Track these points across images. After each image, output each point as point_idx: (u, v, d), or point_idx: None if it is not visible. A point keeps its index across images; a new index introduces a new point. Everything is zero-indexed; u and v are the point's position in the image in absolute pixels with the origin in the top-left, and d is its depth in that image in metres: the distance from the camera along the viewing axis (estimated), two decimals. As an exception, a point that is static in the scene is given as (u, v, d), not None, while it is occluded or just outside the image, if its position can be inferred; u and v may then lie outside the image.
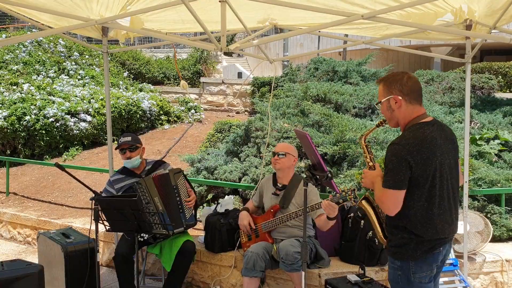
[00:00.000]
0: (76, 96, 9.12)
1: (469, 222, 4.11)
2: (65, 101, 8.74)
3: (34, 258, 4.60)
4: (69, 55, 11.48)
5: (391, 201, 2.31)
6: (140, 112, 9.42)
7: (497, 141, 5.65)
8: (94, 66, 11.47)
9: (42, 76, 10.16)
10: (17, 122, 8.26)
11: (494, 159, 5.47)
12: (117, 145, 3.96)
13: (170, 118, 10.06)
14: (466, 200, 4.03)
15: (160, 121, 9.85)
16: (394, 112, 2.43)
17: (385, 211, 2.37)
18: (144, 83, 11.74)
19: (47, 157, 8.38)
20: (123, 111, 9.04)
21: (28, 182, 7.52)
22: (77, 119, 8.59)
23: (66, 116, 8.43)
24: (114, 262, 3.86)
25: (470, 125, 5.43)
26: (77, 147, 8.60)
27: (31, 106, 8.45)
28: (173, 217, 3.82)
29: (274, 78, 8.48)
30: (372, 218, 2.64)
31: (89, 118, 8.68)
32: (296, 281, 3.63)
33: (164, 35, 3.92)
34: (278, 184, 3.91)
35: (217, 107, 11.40)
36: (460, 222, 4.06)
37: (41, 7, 3.55)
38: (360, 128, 5.71)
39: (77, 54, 11.53)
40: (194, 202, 3.96)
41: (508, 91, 10.61)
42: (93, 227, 3.47)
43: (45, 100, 8.71)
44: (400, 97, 2.39)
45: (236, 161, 6.12)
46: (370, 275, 3.63)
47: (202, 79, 12.02)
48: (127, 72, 12.40)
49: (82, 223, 5.50)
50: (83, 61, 11.48)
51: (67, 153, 8.43)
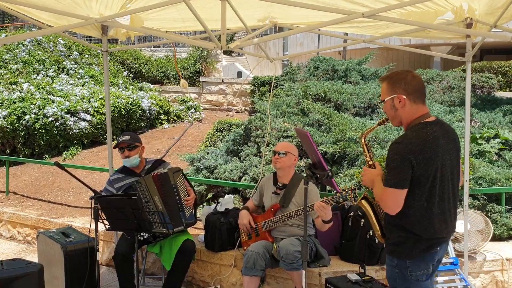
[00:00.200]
0: (76, 96, 9.11)
1: (470, 221, 4.11)
2: (65, 100, 8.73)
3: (34, 257, 4.60)
4: (69, 55, 11.47)
5: (393, 200, 2.30)
6: (140, 112, 9.41)
7: (497, 140, 5.65)
8: (94, 66, 11.46)
9: (42, 75, 10.14)
10: (17, 121, 8.25)
11: (495, 158, 5.47)
12: (116, 144, 3.96)
13: (170, 118, 10.05)
14: (467, 199, 4.02)
15: (160, 121, 9.84)
16: (398, 111, 2.41)
17: (387, 210, 2.36)
18: (144, 82, 11.73)
19: (47, 157, 8.37)
20: (123, 110, 9.03)
21: (28, 182, 7.51)
22: (77, 119, 8.58)
23: (66, 116, 8.42)
24: (114, 261, 3.86)
25: (470, 124, 5.41)
26: (77, 147, 8.59)
27: (31, 106, 8.44)
28: (173, 216, 3.81)
29: (274, 77, 8.47)
30: (371, 217, 2.63)
31: (89, 117, 8.67)
32: (296, 280, 3.62)
33: (164, 34, 3.91)
34: (279, 183, 3.91)
35: (217, 107, 11.39)
36: (461, 221, 4.06)
37: (41, 6, 3.54)
38: (360, 127, 5.71)
39: (77, 54, 11.52)
40: (194, 201, 3.95)
41: (508, 90, 10.60)
42: (93, 226, 3.46)
43: (45, 100, 8.70)
44: (404, 96, 2.37)
45: (236, 160, 6.11)
46: (371, 274, 3.64)
47: (202, 78, 12.01)
48: (127, 72, 12.39)
49: (82, 222, 5.49)
50: (83, 61, 11.47)
51: (67, 153, 8.42)
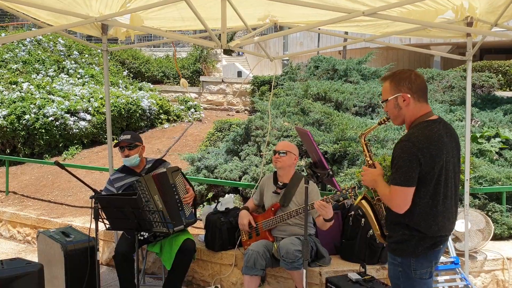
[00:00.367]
0: (76, 95, 9.11)
1: (470, 220, 4.11)
2: (65, 100, 8.72)
3: (34, 257, 4.59)
4: (69, 54, 11.47)
5: (401, 199, 2.30)
6: (140, 111, 9.40)
7: (498, 139, 5.65)
8: (94, 65, 11.45)
9: (42, 75, 10.14)
10: (17, 121, 8.25)
11: (495, 157, 5.46)
12: (116, 143, 3.95)
13: (170, 117, 10.04)
14: (467, 198, 4.01)
15: (160, 120, 9.83)
16: (402, 110, 2.41)
17: (395, 209, 2.34)
18: (144, 82, 11.73)
19: (47, 156, 8.37)
20: (123, 110, 9.03)
21: (28, 181, 7.50)
22: (77, 118, 8.57)
23: (66, 115, 8.42)
24: (114, 261, 3.85)
25: (471, 123, 5.41)
26: (77, 146, 8.59)
27: (31, 105, 8.43)
28: (173, 215, 3.80)
29: (274, 77, 8.46)
30: (371, 217, 2.63)
31: (89, 117, 8.66)
32: (297, 279, 3.62)
33: (165, 33, 3.90)
34: (279, 183, 3.90)
35: (217, 106, 11.38)
36: (461, 220, 4.06)
37: (40, 4, 3.52)
38: (361, 127, 5.70)
39: (77, 53, 11.52)
40: (192, 199, 3.94)
41: (508, 90, 10.59)
42: (93, 226, 3.45)
43: (45, 99, 8.69)
44: (409, 95, 2.37)
45: (236, 160, 6.10)
46: (371, 273, 3.63)
47: (202, 78, 12.00)
48: (127, 71, 12.39)
49: (82, 222, 5.48)
50: (83, 60, 11.47)
51: (67, 152, 8.41)
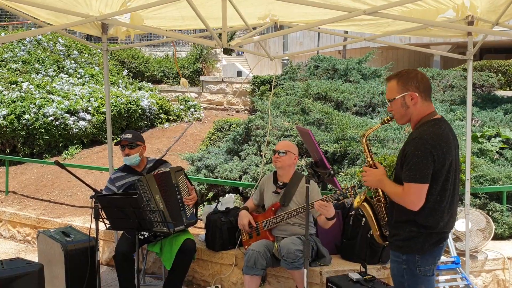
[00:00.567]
0: (76, 95, 9.10)
1: (471, 220, 4.10)
2: (65, 100, 8.71)
3: (34, 257, 4.58)
4: (69, 54, 11.46)
5: (416, 195, 2.32)
6: (140, 111, 9.39)
7: (498, 139, 5.64)
8: (94, 65, 11.44)
9: (42, 75, 10.13)
10: (17, 121, 8.24)
11: (496, 157, 5.45)
12: (117, 141, 3.96)
13: (170, 117, 10.03)
14: (468, 198, 4.01)
15: (160, 120, 9.82)
16: (409, 109, 2.44)
17: (409, 206, 2.35)
18: (144, 82, 11.72)
19: (47, 156, 8.36)
20: (123, 110, 9.02)
21: (28, 181, 7.49)
22: (77, 118, 8.56)
23: (66, 115, 8.41)
24: (115, 261, 3.85)
25: (471, 123, 5.40)
26: (77, 146, 8.58)
27: (31, 105, 8.43)
28: (174, 215, 3.80)
29: (274, 77, 8.45)
30: (371, 218, 2.64)
31: (89, 117, 8.65)
32: (297, 279, 3.61)
33: (165, 32, 3.90)
34: (279, 182, 3.90)
35: (217, 106, 11.37)
36: (462, 220, 4.05)
37: (40, 4, 3.51)
38: (361, 126, 5.69)
39: (77, 53, 11.50)
40: (195, 201, 3.94)
41: (508, 89, 10.58)
42: (93, 226, 3.45)
43: (45, 99, 8.68)
44: (417, 94, 2.41)
45: (237, 160, 6.09)
46: (372, 273, 3.63)
47: (202, 78, 11.99)
48: (127, 71, 12.37)
49: (82, 222, 5.48)
50: (83, 60, 11.46)
51: (67, 152, 8.40)
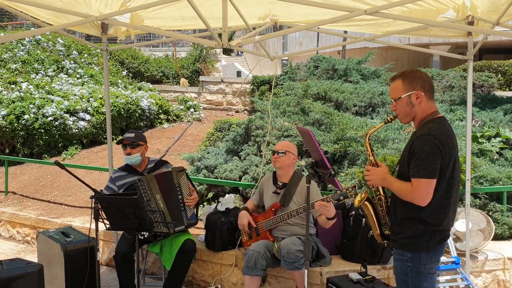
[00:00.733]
0: (75, 95, 9.09)
1: (471, 220, 4.10)
2: (64, 100, 8.70)
3: (33, 257, 4.58)
4: (68, 54, 11.44)
5: (426, 191, 2.35)
6: (139, 111, 9.38)
7: (498, 139, 5.64)
8: (93, 65, 11.43)
9: (41, 75, 10.11)
10: (16, 121, 8.22)
11: (496, 157, 5.45)
12: (120, 140, 3.97)
13: (169, 117, 10.02)
14: (468, 198, 4.00)
15: (159, 120, 9.81)
16: (414, 108, 2.49)
17: (418, 202, 2.38)
18: (143, 82, 11.71)
19: (46, 156, 8.34)
20: (122, 110, 9.00)
21: (27, 181, 7.48)
22: (76, 118, 8.55)
23: (65, 115, 8.40)
24: (115, 261, 3.84)
25: (471, 123, 5.40)
26: (76, 146, 8.56)
27: (30, 105, 8.41)
28: (175, 216, 3.79)
29: (274, 77, 8.44)
30: (372, 217, 2.65)
31: (88, 117, 8.64)
32: (298, 279, 3.61)
33: (165, 32, 3.89)
34: (279, 183, 3.89)
35: (216, 106, 11.37)
36: (462, 220, 4.05)
37: (40, 3, 3.51)
38: (361, 126, 5.69)
39: (76, 53, 11.49)
40: (196, 201, 3.94)
41: (508, 90, 10.60)
42: (93, 226, 3.44)
43: (44, 99, 8.67)
44: (422, 93, 2.47)
45: (237, 160, 6.09)
46: (372, 273, 3.62)
47: (201, 78, 11.98)
48: (126, 71, 12.36)
49: (82, 222, 5.47)
50: (82, 60, 11.44)
51: (66, 152, 8.39)
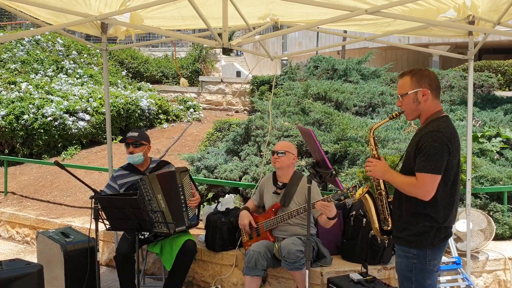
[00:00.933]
0: (75, 95, 9.08)
1: (472, 220, 4.09)
2: (64, 100, 8.69)
3: (33, 258, 4.56)
4: (68, 54, 11.42)
5: (431, 186, 2.38)
6: (139, 111, 9.37)
7: (499, 139, 5.63)
8: (93, 65, 11.42)
9: (40, 75, 10.10)
10: (15, 121, 8.21)
11: (496, 157, 5.44)
12: (123, 138, 3.97)
13: (169, 117, 10.01)
14: (469, 198, 4.00)
15: (159, 120, 9.80)
16: (420, 105, 2.52)
17: (422, 196, 2.41)
18: (143, 82, 11.71)
19: (46, 156, 8.33)
20: (122, 110, 9.00)
21: (27, 182, 7.47)
22: (76, 118, 8.54)
23: (65, 115, 8.38)
24: (115, 262, 3.83)
25: (472, 123, 5.40)
26: (76, 146, 8.55)
27: (29, 105, 8.40)
28: (176, 216, 3.78)
29: (274, 77, 8.44)
30: (371, 211, 2.68)
31: (88, 117, 8.63)
32: (298, 280, 3.60)
33: (165, 31, 3.89)
34: (279, 183, 3.88)
35: (216, 106, 11.36)
36: (463, 220, 4.05)
37: (40, 3, 3.49)
38: (362, 126, 5.68)
39: (75, 53, 11.47)
40: (198, 202, 3.93)
41: (508, 89, 10.61)
42: (93, 226, 3.43)
43: (44, 99, 8.65)
44: (429, 91, 2.50)
45: (237, 160, 6.08)
46: (373, 274, 3.61)
47: (201, 78, 11.97)
48: (126, 71, 12.35)
49: (82, 223, 5.45)
50: (82, 60, 11.43)
51: (66, 152, 8.38)
